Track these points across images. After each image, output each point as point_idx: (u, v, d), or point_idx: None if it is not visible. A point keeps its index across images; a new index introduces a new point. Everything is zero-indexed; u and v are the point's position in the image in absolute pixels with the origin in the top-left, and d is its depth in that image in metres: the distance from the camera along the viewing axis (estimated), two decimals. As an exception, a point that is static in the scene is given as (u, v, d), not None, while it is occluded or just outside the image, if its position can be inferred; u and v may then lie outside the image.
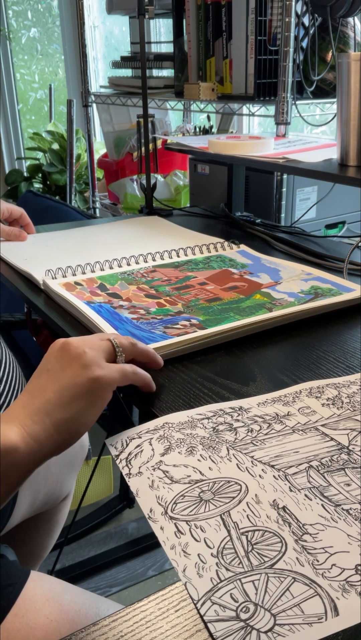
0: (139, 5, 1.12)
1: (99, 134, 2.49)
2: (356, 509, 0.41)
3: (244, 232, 1.14)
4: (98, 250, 0.99)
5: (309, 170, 0.97)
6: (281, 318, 0.71)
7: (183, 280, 0.83)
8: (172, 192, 1.85)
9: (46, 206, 1.63)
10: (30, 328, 1.07)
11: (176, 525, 0.40)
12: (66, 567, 1.41)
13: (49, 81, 3.47)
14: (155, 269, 0.87)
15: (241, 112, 1.44)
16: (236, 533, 0.39)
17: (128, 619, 0.36)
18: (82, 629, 0.35)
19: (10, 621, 0.57)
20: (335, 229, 1.37)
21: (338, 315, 0.74)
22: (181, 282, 0.82)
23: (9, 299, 1.41)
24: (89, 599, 0.63)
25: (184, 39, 1.52)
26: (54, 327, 0.76)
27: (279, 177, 1.25)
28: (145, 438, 0.50)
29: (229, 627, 0.33)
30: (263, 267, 0.88)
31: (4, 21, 3.33)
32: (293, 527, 0.40)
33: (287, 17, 1.17)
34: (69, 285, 0.80)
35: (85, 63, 1.98)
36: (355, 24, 1.28)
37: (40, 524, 0.99)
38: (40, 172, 2.91)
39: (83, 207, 2.57)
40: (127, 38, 2.52)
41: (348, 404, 0.54)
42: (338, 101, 0.95)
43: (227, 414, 0.53)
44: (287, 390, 0.57)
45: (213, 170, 1.37)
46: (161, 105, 1.65)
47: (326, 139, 1.28)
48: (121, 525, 1.56)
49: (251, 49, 1.31)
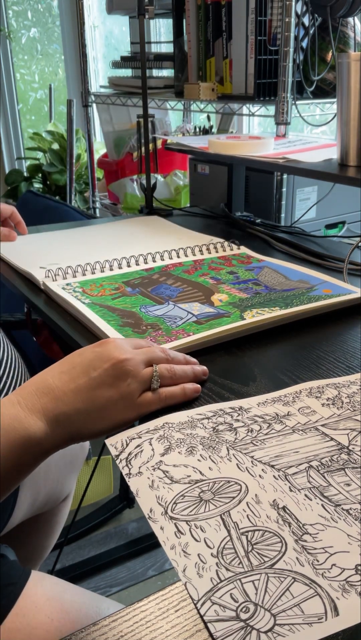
0: (139, 5, 1.12)
1: (99, 134, 2.49)
2: (356, 509, 0.41)
3: (244, 232, 1.14)
4: (98, 250, 0.99)
5: (309, 170, 0.97)
6: (281, 318, 0.71)
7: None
8: (172, 192, 1.85)
9: (46, 206, 1.63)
10: (30, 328, 1.07)
11: (176, 525, 0.40)
12: (66, 567, 1.41)
13: (49, 81, 3.47)
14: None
15: (241, 112, 1.44)
16: (236, 533, 0.39)
17: (128, 619, 0.36)
18: (82, 629, 0.35)
19: (11, 621, 0.57)
20: (335, 229, 1.37)
21: (338, 315, 0.74)
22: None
23: (9, 299, 1.41)
24: (89, 598, 0.64)
25: (184, 39, 1.52)
26: (54, 327, 0.76)
27: (279, 177, 1.25)
28: (145, 438, 0.50)
29: (229, 627, 0.33)
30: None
31: (4, 21, 3.33)
32: (293, 527, 0.40)
33: (287, 17, 1.17)
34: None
35: (85, 63, 1.98)
36: (355, 24, 1.28)
37: (41, 524, 0.99)
38: (40, 172, 2.91)
39: (83, 207, 2.57)
40: (127, 38, 2.52)
41: (348, 404, 0.54)
42: (338, 101, 0.95)
43: (227, 414, 0.53)
44: (287, 390, 0.57)
45: (213, 170, 1.37)
46: (161, 105, 1.65)
47: (326, 139, 1.28)
48: (121, 525, 1.56)
49: (251, 49, 1.31)
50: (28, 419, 0.48)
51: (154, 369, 0.54)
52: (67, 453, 0.96)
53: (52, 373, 0.52)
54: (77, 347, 0.69)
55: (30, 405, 0.49)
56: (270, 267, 0.88)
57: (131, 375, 0.52)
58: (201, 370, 0.60)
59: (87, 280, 0.83)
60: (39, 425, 0.48)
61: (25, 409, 0.49)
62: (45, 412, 0.49)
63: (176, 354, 0.59)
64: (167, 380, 0.55)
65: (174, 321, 0.70)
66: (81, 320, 0.73)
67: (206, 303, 0.75)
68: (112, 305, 0.75)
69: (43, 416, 0.49)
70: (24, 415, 0.48)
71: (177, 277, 0.85)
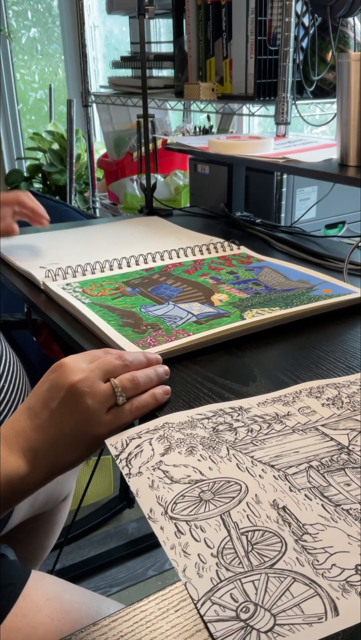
0: (139, 5, 1.12)
1: (99, 134, 2.49)
2: (356, 509, 0.41)
3: (244, 232, 1.14)
4: (98, 251, 0.99)
5: (309, 170, 0.97)
6: (282, 318, 0.71)
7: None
8: (172, 192, 1.85)
9: (46, 206, 1.62)
10: (30, 328, 1.07)
11: (176, 525, 0.40)
12: (66, 567, 1.41)
13: (49, 81, 3.47)
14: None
15: (241, 112, 1.44)
16: (236, 533, 0.39)
17: (128, 619, 0.36)
18: (82, 629, 0.35)
19: (12, 620, 0.57)
20: (335, 229, 1.37)
21: (338, 315, 0.74)
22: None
23: (9, 299, 1.41)
24: (90, 598, 0.64)
25: (184, 39, 1.52)
26: (54, 327, 0.76)
27: (279, 177, 1.25)
28: (145, 438, 0.50)
29: (229, 627, 0.33)
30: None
31: (4, 21, 3.33)
32: (293, 527, 0.40)
33: (287, 17, 1.17)
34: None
35: (85, 63, 1.98)
36: (355, 24, 1.28)
37: (41, 524, 0.99)
38: (40, 172, 2.91)
39: (83, 207, 2.57)
40: (127, 38, 2.52)
41: (348, 404, 0.54)
42: (338, 101, 0.95)
43: (227, 414, 0.53)
44: (287, 390, 0.57)
45: (213, 170, 1.37)
46: (161, 105, 1.65)
47: (326, 139, 1.28)
48: (121, 525, 1.56)
49: (251, 49, 1.31)
50: (9, 459, 0.49)
51: (112, 383, 0.53)
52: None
53: (21, 410, 0.52)
54: (77, 347, 0.69)
55: (9, 447, 0.50)
56: (270, 267, 0.88)
57: (89, 396, 0.50)
58: (163, 370, 0.57)
59: (87, 280, 0.83)
60: (19, 463, 0.49)
61: (6, 450, 0.50)
62: (23, 451, 0.50)
63: (134, 355, 0.56)
64: (132, 392, 0.53)
65: (174, 321, 0.70)
66: (81, 321, 0.73)
67: (206, 303, 0.75)
68: (112, 305, 0.75)
69: (22, 455, 0.50)
70: (5, 455, 0.49)
71: (178, 277, 0.85)
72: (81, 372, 0.52)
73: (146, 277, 0.85)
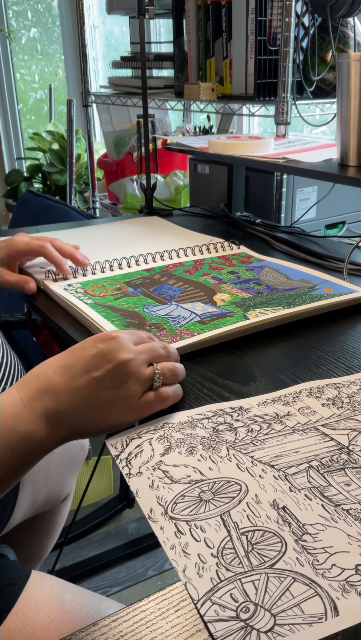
0: (139, 5, 1.12)
1: (99, 134, 2.49)
2: (356, 509, 0.41)
3: (244, 232, 1.14)
4: (98, 251, 0.99)
5: (309, 170, 0.97)
6: (285, 317, 0.71)
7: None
8: (172, 192, 1.86)
9: (46, 206, 1.63)
10: (30, 328, 1.07)
11: (176, 525, 0.40)
12: (66, 567, 1.41)
13: (49, 81, 3.47)
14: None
15: (241, 112, 1.44)
16: (236, 533, 0.39)
17: (128, 619, 0.36)
18: (82, 629, 0.35)
19: (12, 621, 0.57)
20: (335, 229, 1.37)
21: (338, 315, 0.74)
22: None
23: (9, 299, 1.41)
24: (90, 598, 0.63)
25: (184, 39, 1.52)
26: (54, 327, 0.76)
27: (279, 177, 1.25)
28: (145, 438, 0.50)
29: (229, 627, 0.33)
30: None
31: (4, 21, 3.33)
32: (293, 527, 0.40)
33: (287, 17, 1.17)
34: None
35: (85, 63, 1.98)
36: (355, 24, 1.28)
37: (41, 524, 0.99)
38: (40, 172, 2.91)
39: (83, 207, 2.58)
40: (127, 38, 2.52)
41: (348, 404, 0.54)
42: (338, 101, 0.95)
43: (227, 414, 0.53)
44: (287, 390, 0.57)
45: (213, 170, 1.37)
46: (161, 105, 1.65)
47: (326, 139, 1.28)
48: (121, 525, 1.56)
49: (251, 49, 1.31)
50: (30, 418, 0.48)
51: (155, 368, 0.54)
52: (67, 453, 0.96)
53: (54, 367, 0.51)
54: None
55: (33, 405, 0.49)
56: (271, 267, 0.88)
57: (134, 378, 0.51)
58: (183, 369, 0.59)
59: (89, 281, 0.83)
60: (41, 425, 0.48)
61: (28, 409, 0.48)
62: (47, 412, 0.49)
63: (173, 350, 0.58)
64: (170, 380, 0.55)
65: (177, 321, 0.70)
66: (83, 321, 0.73)
67: (208, 303, 0.75)
68: (115, 306, 0.75)
69: (45, 416, 0.49)
70: (27, 414, 0.48)
71: (179, 277, 0.85)
72: (131, 352, 0.52)
73: (147, 278, 0.85)
